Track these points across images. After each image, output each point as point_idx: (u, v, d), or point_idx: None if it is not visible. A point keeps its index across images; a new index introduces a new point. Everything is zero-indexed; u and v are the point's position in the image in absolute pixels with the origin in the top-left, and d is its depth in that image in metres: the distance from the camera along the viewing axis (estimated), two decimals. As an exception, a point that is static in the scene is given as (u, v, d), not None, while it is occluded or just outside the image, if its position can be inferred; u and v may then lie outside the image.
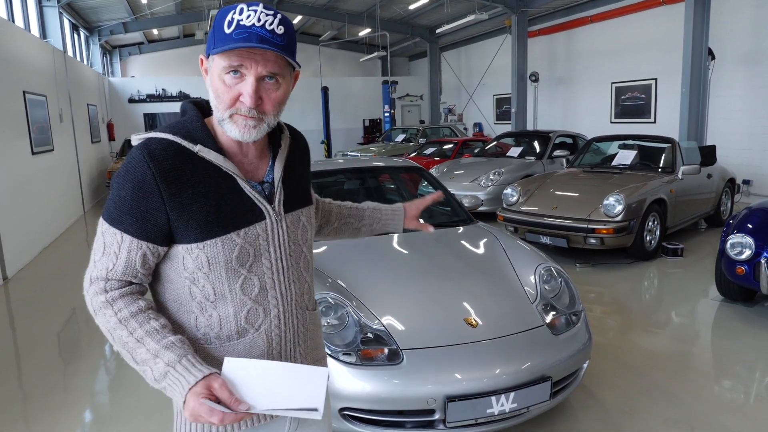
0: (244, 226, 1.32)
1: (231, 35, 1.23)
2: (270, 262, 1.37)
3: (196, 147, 1.29)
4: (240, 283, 1.33)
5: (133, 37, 20.84)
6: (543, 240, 6.49)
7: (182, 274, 1.32)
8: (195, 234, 1.28)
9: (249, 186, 1.34)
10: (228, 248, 1.30)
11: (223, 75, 1.26)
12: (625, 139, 8.23)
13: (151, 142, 1.28)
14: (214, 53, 1.26)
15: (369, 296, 3.06)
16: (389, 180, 5.21)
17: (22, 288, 6.33)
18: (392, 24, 19.89)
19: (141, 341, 1.24)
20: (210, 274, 1.31)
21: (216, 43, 1.25)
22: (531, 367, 2.77)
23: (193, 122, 1.33)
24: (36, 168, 8.16)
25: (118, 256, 1.27)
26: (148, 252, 1.28)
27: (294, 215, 1.43)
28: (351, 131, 22.44)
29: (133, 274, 1.29)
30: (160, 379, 1.22)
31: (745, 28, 10.73)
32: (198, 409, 1.15)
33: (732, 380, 3.71)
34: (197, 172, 1.28)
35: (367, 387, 2.64)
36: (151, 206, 1.25)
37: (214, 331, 1.35)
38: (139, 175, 1.24)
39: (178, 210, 1.26)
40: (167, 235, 1.29)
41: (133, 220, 1.25)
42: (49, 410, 3.55)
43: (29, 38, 8.91)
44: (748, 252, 4.53)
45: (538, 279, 3.32)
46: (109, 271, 1.28)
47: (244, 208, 1.32)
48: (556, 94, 16.19)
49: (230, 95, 1.27)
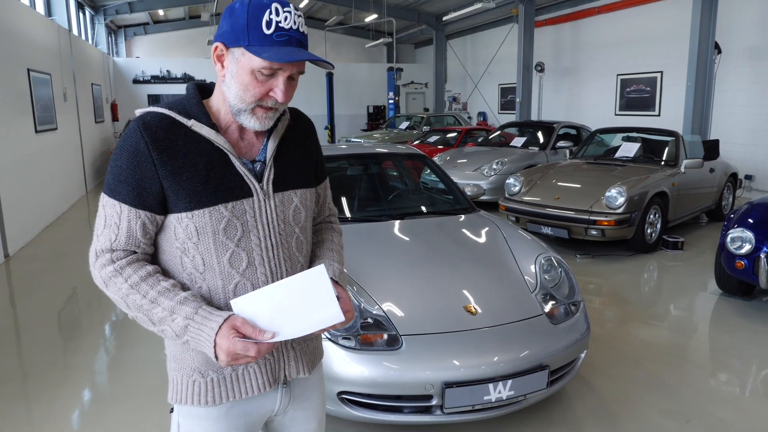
0: (232, 200, 1.36)
1: (272, 37, 1.28)
2: (258, 239, 1.40)
3: (190, 121, 1.35)
4: (228, 256, 1.37)
5: (138, 17, 20.76)
6: (544, 230, 6.50)
7: (174, 244, 1.37)
8: (184, 203, 1.33)
9: (240, 163, 1.38)
10: (215, 219, 1.34)
11: (257, 71, 1.31)
12: (629, 132, 8.21)
13: (146, 115, 1.35)
14: (250, 50, 1.28)
15: (369, 282, 3.08)
16: (392, 167, 5.21)
17: (23, 266, 6.36)
18: (399, 10, 19.77)
19: (155, 302, 1.30)
20: (199, 244, 1.35)
21: (252, 40, 1.28)
22: (529, 356, 2.79)
23: (190, 99, 1.39)
24: (39, 146, 8.16)
25: (119, 226, 1.32)
26: (146, 220, 1.33)
27: (285, 195, 1.45)
28: (355, 117, 22.39)
29: (136, 243, 1.34)
30: (181, 333, 1.29)
31: (752, 22, 10.65)
32: (233, 348, 1.24)
33: (728, 373, 3.73)
34: (189, 144, 1.34)
35: (366, 371, 2.66)
36: (145, 174, 1.30)
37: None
38: (133, 144, 1.31)
39: (170, 178, 1.31)
40: (162, 203, 1.33)
41: (129, 189, 1.30)
42: (49, 388, 3.59)
43: (35, 16, 8.87)
44: (748, 246, 4.54)
45: (539, 268, 3.33)
46: (112, 242, 1.33)
47: (233, 182, 1.36)
48: (561, 85, 16.12)
49: (262, 90, 1.33)
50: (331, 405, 2.75)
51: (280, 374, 1.47)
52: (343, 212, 4.16)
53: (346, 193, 4.46)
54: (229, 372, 1.41)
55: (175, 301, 1.29)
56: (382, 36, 21.28)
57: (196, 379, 1.41)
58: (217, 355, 1.26)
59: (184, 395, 1.42)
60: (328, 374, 2.69)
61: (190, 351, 1.40)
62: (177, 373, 1.44)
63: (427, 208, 4.43)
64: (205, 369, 1.41)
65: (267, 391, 1.45)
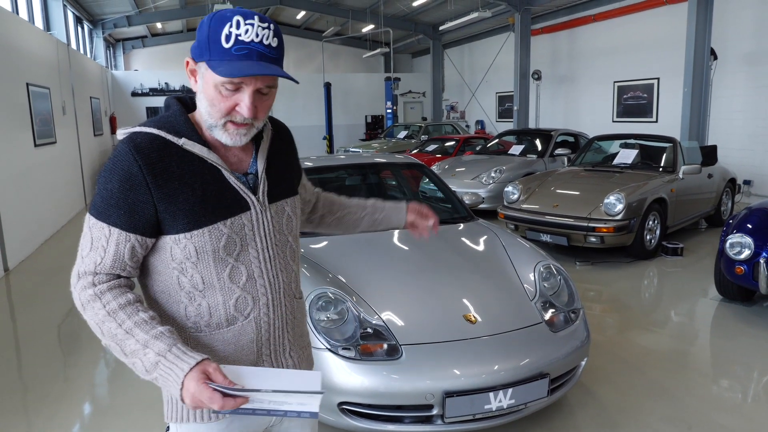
0: (230, 216, 1.35)
1: (230, 50, 1.24)
2: (257, 251, 1.40)
3: (181, 140, 1.32)
4: (228, 271, 1.36)
5: (136, 31, 20.86)
6: (543, 238, 6.51)
7: (170, 264, 1.34)
8: (182, 224, 1.30)
9: (234, 177, 1.37)
10: (215, 238, 1.33)
11: (219, 86, 1.28)
12: (627, 138, 8.23)
13: (136, 136, 1.30)
14: (210, 65, 1.27)
15: (369, 292, 3.08)
16: (391, 176, 5.22)
17: (23, 280, 6.35)
18: (395, 20, 19.88)
19: (130, 332, 1.25)
20: (198, 263, 1.33)
21: (212, 54, 1.26)
22: (529, 364, 2.78)
23: (177, 117, 1.35)
24: (38, 160, 8.17)
25: (106, 249, 1.28)
26: (136, 244, 1.30)
27: (278, 205, 1.46)
28: (353, 127, 22.44)
29: (122, 267, 1.31)
30: (151, 369, 1.23)
31: (748, 28, 10.72)
32: (199, 394, 1.16)
33: (730, 380, 3.72)
34: (183, 164, 1.31)
35: (366, 382, 2.66)
36: (138, 198, 1.27)
37: (204, 320, 1.37)
38: (125, 167, 1.26)
39: (165, 201, 1.28)
40: (155, 226, 1.31)
41: (120, 213, 1.27)
42: (49, 401, 3.57)
43: (33, 30, 8.91)
44: (747, 252, 4.54)
45: (538, 276, 3.33)
46: (97, 265, 1.29)
47: (229, 198, 1.35)
48: (558, 93, 16.18)
49: (227, 105, 1.30)
50: (332, 416, 2.75)
51: None
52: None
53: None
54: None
55: (150, 335, 1.24)
56: (380, 46, 21.37)
57: None
58: (182, 397, 1.19)
59: (183, 413, 1.40)
60: (328, 385, 2.68)
61: None
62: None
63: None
64: None
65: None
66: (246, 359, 1.40)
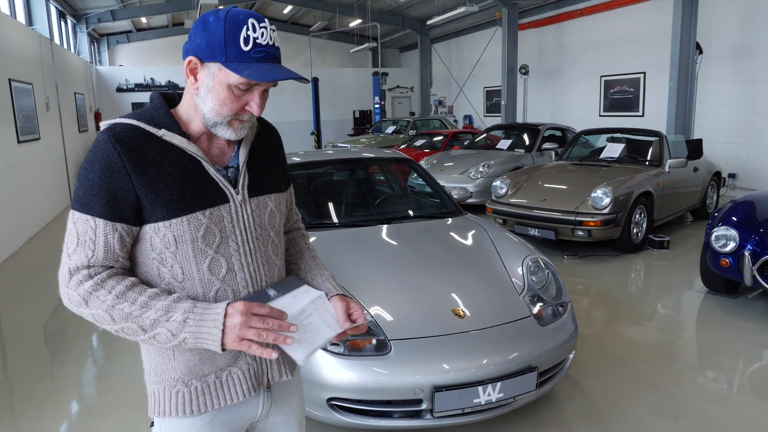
0: (209, 207, 1.35)
1: (250, 53, 1.29)
2: (237, 244, 1.40)
3: (160, 131, 1.34)
4: (207, 263, 1.36)
5: (121, 26, 20.64)
6: (531, 232, 6.53)
7: (150, 255, 1.35)
8: (161, 212, 1.31)
9: (214, 169, 1.38)
10: (194, 227, 1.33)
11: (233, 87, 1.32)
12: (614, 133, 8.28)
13: (115, 126, 1.32)
14: (227, 66, 1.29)
15: (357, 287, 3.07)
16: (379, 171, 5.21)
17: (8, 278, 6.28)
18: (383, 15, 19.82)
19: (146, 306, 1.27)
20: (177, 253, 1.34)
21: (229, 56, 1.29)
22: (517, 358, 2.79)
23: (157, 109, 1.38)
24: (22, 157, 8.07)
25: (95, 242, 1.28)
26: (124, 233, 1.30)
27: (260, 200, 1.46)
28: (341, 122, 22.39)
29: (114, 258, 1.30)
30: (178, 331, 1.25)
31: (733, 23, 10.80)
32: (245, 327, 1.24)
33: (715, 371, 3.76)
34: (162, 153, 1.32)
35: (355, 377, 2.66)
36: (120, 185, 1.28)
37: None
38: (105, 156, 1.28)
39: (145, 188, 1.29)
40: (138, 214, 1.31)
41: (104, 202, 1.27)
42: (36, 401, 3.54)
43: (15, 25, 8.78)
44: (733, 244, 4.59)
45: (526, 270, 3.34)
46: (89, 258, 1.28)
47: (208, 189, 1.36)
48: (545, 87, 16.23)
49: (238, 104, 1.35)
50: (321, 411, 2.74)
51: (263, 378, 1.47)
52: (329, 217, 4.15)
53: (333, 198, 4.46)
54: (213, 379, 1.40)
55: (169, 300, 1.27)
56: (367, 41, 21.30)
57: (179, 389, 1.39)
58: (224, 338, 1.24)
59: (166, 407, 1.40)
60: (317, 381, 2.68)
61: (172, 361, 1.38)
62: (158, 386, 1.41)
63: (414, 212, 4.43)
64: (188, 378, 1.39)
65: (251, 396, 1.45)
66: (228, 353, 1.39)
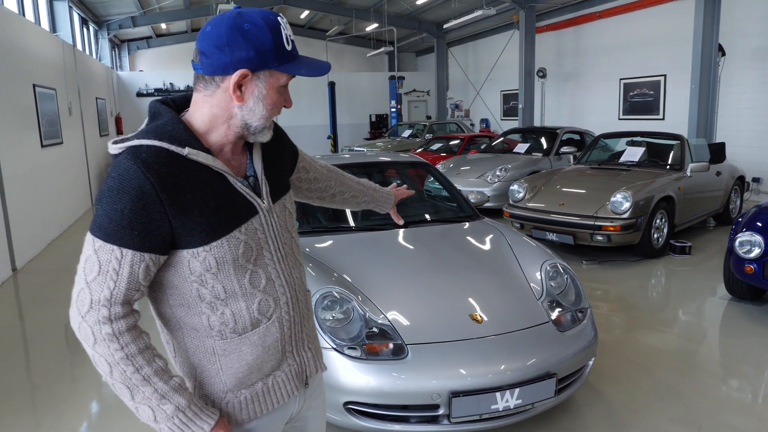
0: (243, 222, 1.34)
1: (291, 52, 1.31)
2: (270, 253, 1.39)
3: (185, 150, 1.26)
4: (248, 278, 1.35)
5: (141, 32, 20.90)
6: (549, 237, 6.48)
7: (188, 278, 1.30)
8: (200, 238, 1.27)
9: (239, 182, 1.35)
10: (234, 246, 1.31)
11: (281, 88, 1.34)
12: (633, 136, 8.18)
13: (140, 151, 1.23)
14: (282, 69, 1.30)
15: (374, 291, 3.06)
16: (395, 175, 5.21)
17: (31, 279, 6.37)
18: (399, 19, 19.84)
19: (148, 380, 1.24)
20: (219, 273, 1.31)
21: (279, 59, 1.29)
22: (536, 364, 2.76)
23: (174, 125, 1.29)
24: (45, 160, 8.19)
25: (119, 273, 1.22)
26: (150, 263, 1.24)
27: (280, 204, 1.47)
28: (357, 126, 22.42)
29: (136, 287, 1.25)
30: (162, 419, 1.26)
31: (756, 24, 10.62)
32: None
33: (740, 380, 3.69)
34: (191, 175, 1.26)
35: (372, 381, 2.65)
36: (153, 217, 1.21)
37: (229, 327, 1.35)
38: (135, 186, 1.20)
39: (181, 217, 1.24)
40: (170, 243, 1.26)
41: (134, 234, 1.20)
42: (57, 400, 3.58)
43: (39, 32, 8.94)
44: (758, 250, 4.50)
45: (544, 275, 3.31)
46: (112, 290, 1.22)
47: (239, 204, 1.33)
48: (563, 90, 16.11)
49: (282, 103, 1.37)
50: (338, 415, 2.74)
51: (303, 376, 1.49)
52: (346, 221, 4.15)
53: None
54: (260, 386, 1.40)
55: (169, 386, 1.26)
56: (383, 45, 21.35)
57: (229, 400, 1.37)
58: None
59: None
60: (334, 384, 2.67)
61: (220, 375, 1.36)
62: (205, 399, 1.39)
63: (431, 216, 4.41)
64: (237, 388, 1.38)
65: (296, 395, 1.47)
66: (272, 358, 1.41)
